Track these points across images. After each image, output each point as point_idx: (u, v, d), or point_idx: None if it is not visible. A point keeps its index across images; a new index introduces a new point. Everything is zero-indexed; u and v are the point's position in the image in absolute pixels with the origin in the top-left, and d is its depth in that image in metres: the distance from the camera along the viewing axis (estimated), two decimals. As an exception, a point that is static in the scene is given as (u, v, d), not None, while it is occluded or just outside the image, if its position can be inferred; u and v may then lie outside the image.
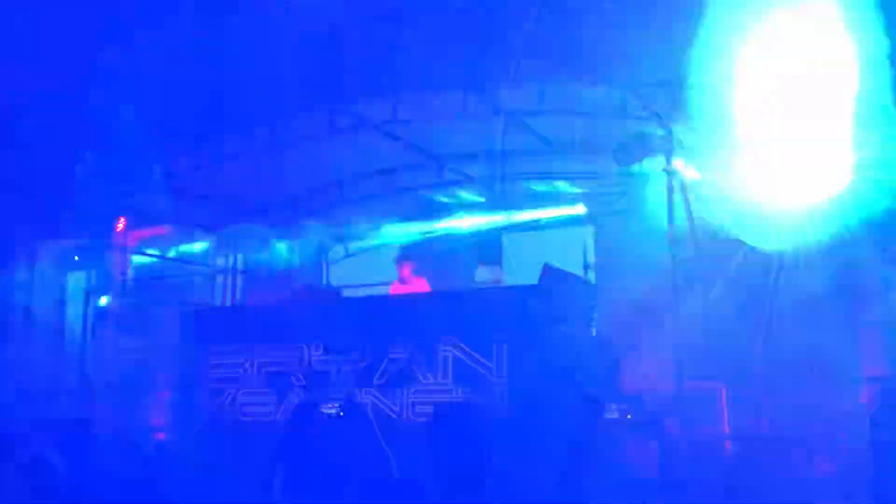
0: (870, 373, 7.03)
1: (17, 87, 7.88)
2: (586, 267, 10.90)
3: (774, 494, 5.87)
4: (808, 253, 7.25)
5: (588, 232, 11.70)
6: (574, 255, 10.88)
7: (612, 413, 2.74)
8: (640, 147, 7.48)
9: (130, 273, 13.65)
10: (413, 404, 7.62)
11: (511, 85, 9.26)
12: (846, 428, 6.37)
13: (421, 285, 9.33)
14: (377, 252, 12.58)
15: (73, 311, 12.80)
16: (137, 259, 14.08)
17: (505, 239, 12.92)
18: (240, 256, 11.72)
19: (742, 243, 7.86)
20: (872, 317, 7.40)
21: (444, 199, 11.43)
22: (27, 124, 8.47)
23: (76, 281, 13.24)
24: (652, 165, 8.03)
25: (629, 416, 2.74)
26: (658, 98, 7.23)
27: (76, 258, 13.25)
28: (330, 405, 3.43)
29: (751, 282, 8.35)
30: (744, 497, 5.86)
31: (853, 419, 6.34)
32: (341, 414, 3.07)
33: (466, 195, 11.25)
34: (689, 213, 7.57)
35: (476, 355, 7.35)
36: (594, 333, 8.54)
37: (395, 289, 9.47)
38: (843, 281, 7.48)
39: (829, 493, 5.71)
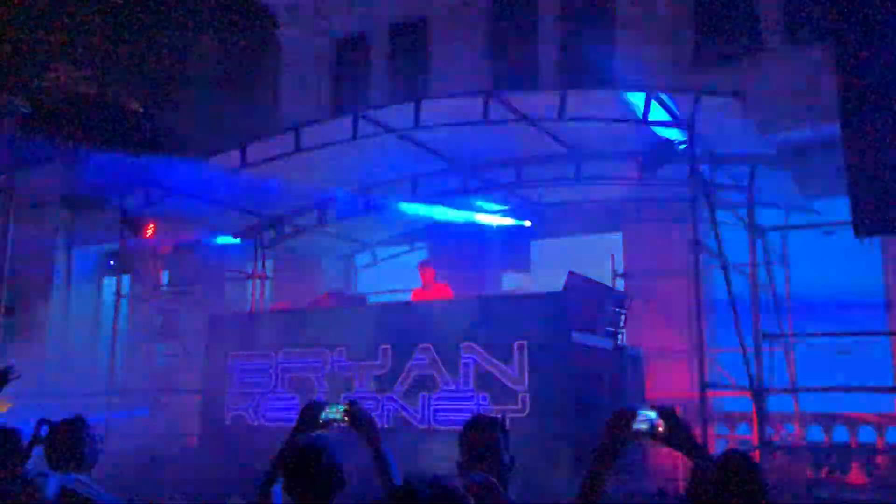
0: None
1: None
2: (614, 274, 10.84)
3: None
4: None
5: (615, 239, 11.64)
6: (601, 261, 10.82)
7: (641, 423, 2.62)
8: (665, 153, 7.42)
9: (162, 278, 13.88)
10: (435, 411, 7.63)
11: (534, 92, 9.28)
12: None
13: (444, 291, 9.33)
14: (405, 258, 12.66)
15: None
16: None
17: (532, 246, 12.91)
18: (268, 262, 11.79)
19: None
20: None
21: (469, 207, 11.42)
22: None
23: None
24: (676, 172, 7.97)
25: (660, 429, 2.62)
26: (682, 104, 7.15)
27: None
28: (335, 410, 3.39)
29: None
30: None
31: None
32: (346, 419, 3.02)
33: (492, 202, 11.23)
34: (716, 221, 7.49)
35: (498, 362, 7.34)
36: (621, 340, 8.46)
37: (417, 294, 9.49)
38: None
39: None
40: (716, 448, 8.01)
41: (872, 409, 9.63)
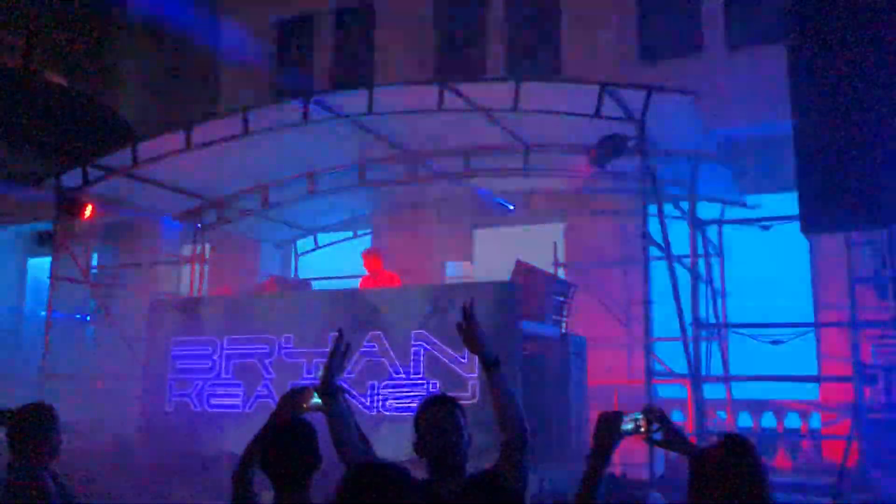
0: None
1: None
2: (556, 263, 11.02)
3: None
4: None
5: (558, 229, 11.84)
6: (543, 251, 10.99)
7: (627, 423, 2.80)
8: (615, 147, 7.58)
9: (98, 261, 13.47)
10: (384, 398, 7.66)
11: (488, 83, 9.34)
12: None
13: (392, 280, 9.33)
14: (347, 245, 12.60)
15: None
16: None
17: (475, 234, 13.02)
18: (210, 246, 11.58)
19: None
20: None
21: (416, 195, 11.45)
22: None
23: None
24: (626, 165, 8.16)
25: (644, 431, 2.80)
26: (633, 99, 7.32)
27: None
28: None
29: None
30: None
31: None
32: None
33: (439, 191, 11.27)
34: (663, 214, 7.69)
35: (449, 350, 7.40)
36: (565, 329, 8.62)
37: (365, 283, 9.46)
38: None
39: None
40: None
41: (798, 397, 10.11)
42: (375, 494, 2.38)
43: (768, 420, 10.18)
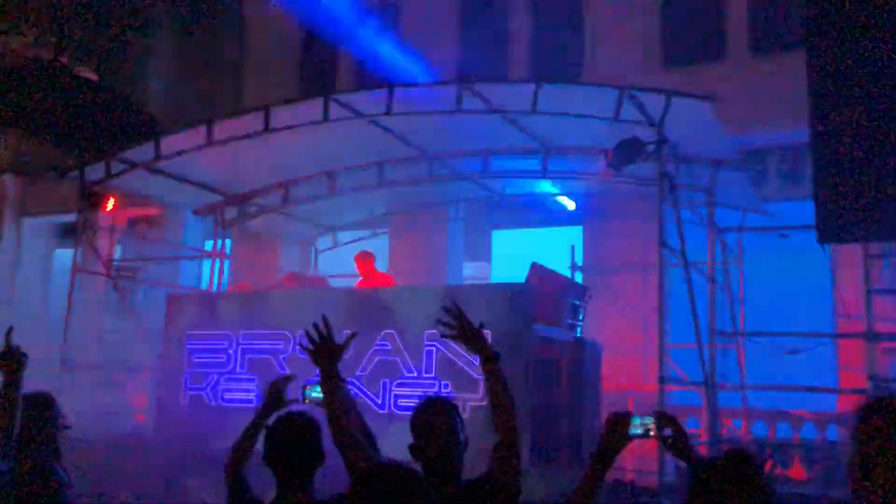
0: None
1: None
2: (573, 267, 11.01)
3: None
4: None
5: (576, 232, 11.81)
6: (560, 254, 10.98)
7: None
8: (633, 151, 7.55)
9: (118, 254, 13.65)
10: (396, 397, 7.69)
11: (507, 84, 9.33)
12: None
13: (386, 281, 9.39)
14: (366, 244, 12.65)
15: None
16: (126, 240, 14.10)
17: (493, 236, 13.04)
18: (226, 242, 11.68)
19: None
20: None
21: (435, 195, 11.47)
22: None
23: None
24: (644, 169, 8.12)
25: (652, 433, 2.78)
26: (652, 104, 7.28)
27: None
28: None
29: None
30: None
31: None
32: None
33: (458, 192, 11.29)
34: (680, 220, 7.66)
35: (460, 350, 7.41)
36: (580, 332, 8.61)
37: (360, 286, 9.52)
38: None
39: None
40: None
41: (815, 407, 9.99)
42: (393, 498, 2.29)
43: (784, 430, 10.07)
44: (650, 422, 2.75)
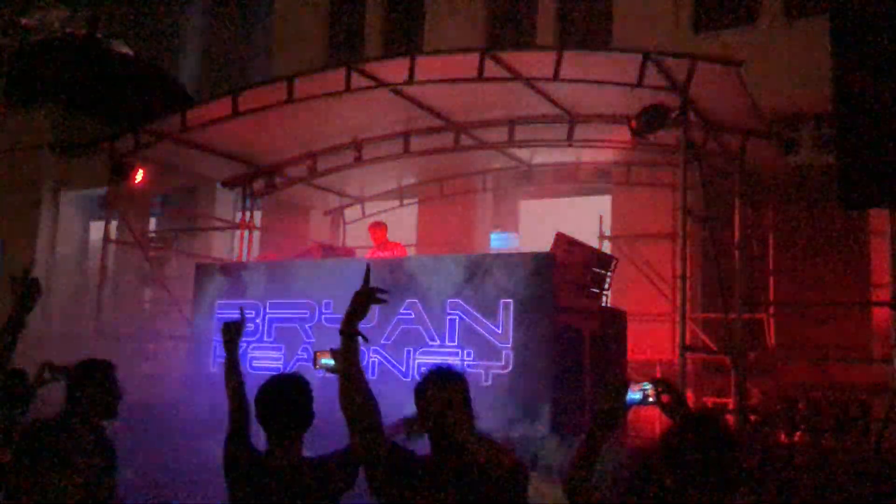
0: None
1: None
2: (601, 236, 10.93)
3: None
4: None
5: (604, 201, 11.70)
6: (589, 223, 10.90)
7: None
8: (657, 118, 7.44)
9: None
10: (419, 365, 7.74)
11: (529, 51, 9.23)
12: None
13: (399, 250, 9.44)
14: (394, 214, 12.68)
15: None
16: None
17: (521, 205, 12.98)
18: (256, 213, 11.80)
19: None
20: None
21: (462, 165, 11.44)
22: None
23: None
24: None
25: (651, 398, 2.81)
26: (677, 69, 7.15)
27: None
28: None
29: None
30: None
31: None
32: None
33: (486, 162, 11.25)
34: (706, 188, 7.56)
35: (484, 319, 7.43)
36: (605, 301, 8.56)
37: (372, 254, 9.59)
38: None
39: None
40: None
41: (846, 377, 9.84)
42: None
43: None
44: (649, 388, 2.75)
